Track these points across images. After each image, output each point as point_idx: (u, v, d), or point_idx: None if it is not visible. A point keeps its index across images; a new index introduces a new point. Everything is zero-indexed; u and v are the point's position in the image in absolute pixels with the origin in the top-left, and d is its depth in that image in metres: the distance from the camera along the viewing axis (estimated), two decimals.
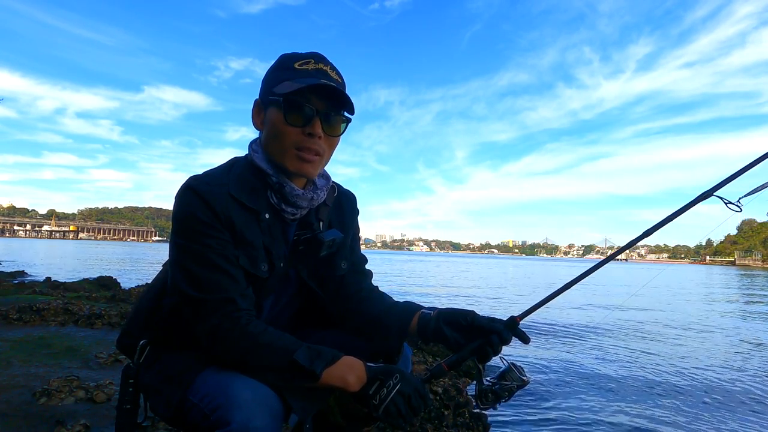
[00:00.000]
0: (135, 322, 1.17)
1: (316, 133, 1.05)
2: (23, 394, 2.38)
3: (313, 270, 1.19)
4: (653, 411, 3.32)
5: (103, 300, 6.29)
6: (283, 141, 1.05)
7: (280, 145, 1.06)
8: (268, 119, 1.07)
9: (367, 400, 0.95)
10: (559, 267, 49.41)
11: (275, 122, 1.05)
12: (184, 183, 1.03)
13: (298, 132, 1.04)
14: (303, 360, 0.94)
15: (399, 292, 12.06)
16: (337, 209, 1.24)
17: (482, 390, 1.07)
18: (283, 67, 1.08)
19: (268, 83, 1.09)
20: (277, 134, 1.05)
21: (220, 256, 1.00)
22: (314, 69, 1.06)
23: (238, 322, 0.98)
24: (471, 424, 2.51)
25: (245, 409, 0.89)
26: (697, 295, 15.05)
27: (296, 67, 1.06)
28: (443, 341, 1.09)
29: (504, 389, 1.06)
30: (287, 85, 1.04)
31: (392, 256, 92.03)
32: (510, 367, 1.09)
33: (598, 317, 8.68)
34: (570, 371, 4.42)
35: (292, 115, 1.04)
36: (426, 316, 1.12)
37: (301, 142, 1.05)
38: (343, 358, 0.99)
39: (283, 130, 1.04)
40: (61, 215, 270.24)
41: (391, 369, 0.99)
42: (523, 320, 1.11)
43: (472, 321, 1.08)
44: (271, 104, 1.06)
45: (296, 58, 1.08)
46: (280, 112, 1.04)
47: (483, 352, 1.06)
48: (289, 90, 1.02)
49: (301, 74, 1.05)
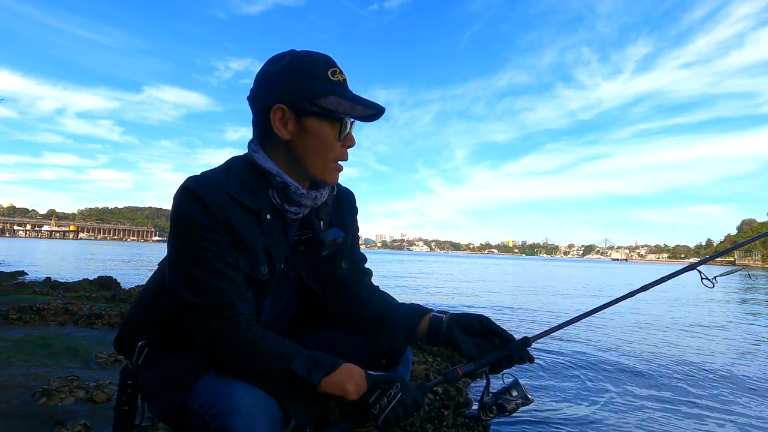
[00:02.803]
0: (133, 322, 1.16)
1: (353, 144, 1.10)
2: (23, 394, 2.38)
3: (313, 270, 1.18)
4: (653, 412, 3.32)
5: (103, 300, 6.30)
6: (329, 155, 1.07)
7: (324, 158, 1.07)
8: (307, 131, 1.04)
9: (367, 409, 0.95)
10: (559, 267, 49.33)
11: (323, 137, 1.05)
12: (181, 184, 1.01)
13: (339, 145, 1.07)
14: (300, 370, 0.94)
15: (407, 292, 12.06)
16: (336, 208, 1.23)
17: (487, 402, 1.07)
18: (317, 76, 1.04)
19: (303, 92, 1.03)
20: (324, 148, 1.06)
21: (218, 259, 0.98)
22: (343, 80, 1.07)
23: (237, 327, 0.97)
24: (471, 424, 2.52)
25: (246, 415, 0.88)
26: (698, 295, 15.04)
27: (331, 78, 1.04)
28: (455, 347, 1.08)
29: (509, 404, 1.06)
30: (341, 104, 1.04)
31: (392, 256, 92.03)
32: (516, 382, 1.09)
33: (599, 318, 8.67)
34: (569, 371, 4.41)
35: (345, 133, 1.07)
36: (437, 320, 1.11)
37: (342, 156, 1.09)
38: (342, 366, 0.98)
39: (332, 146, 1.06)
40: (61, 215, 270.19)
41: (392, 378, 0.98)
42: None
43: (487, 325, 1.08)
44: (313, 115, 1.04)
45: (320, 62, 1.05)
46: (331, 128, 1.05)
47: (498, 364, 1.07)
48: (349, 112, 1.05)
49: (338, 88, 1.05)
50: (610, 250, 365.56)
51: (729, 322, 8.74)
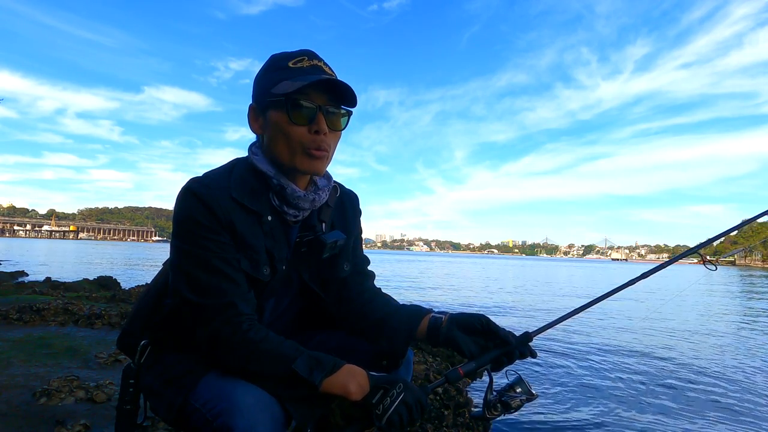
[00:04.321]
0: (136, 322, 1.16)
1: (322, 129, 1.03)
2: (23, 394, 2.38)
3: (315, 272, 1.17)
4: (653, 412, 3.32)
5: (103, 300, 6.29)
6: (291, 141, 1.03)
7: (288, 146, 1.04)
8: (270, 122, 1.05)
9: (371, 409, 0.95)
10: (560, 267, 49.31)
11: (279, 123, 1.03)
12: (184, 185, 1.02)
13: (304, 131, 1.03)
14: (302, 370, 0.94)
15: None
16: (339, 210, 1.22)
17: (491, 400, 1.07)
18: (277, 68, 1.06)
19: (264, 85, 1.06)
20: (283, 135, 1.03)
21: (221, 259, 0.98)
22: (309, 66, 1.05)
23: (239, 327, 0.97)
24: (470, 424, 2.51)
25: (248, 415, 0.88)
26: (700, 295, 15.05)
27: (291, 66, 1.04)
28: (455, 347, 1.07)
29: (513, 401, 1.06)
30: (287, 85, 1.02)
31: (392, 256, 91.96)
32: (519, 378, 1.08)
33: (600, 317, 8.66)
34: (569, 371, 4.41)
35: (296, 113, 1.02)
36: (437, 320, 1.10)
37: (308, 141, 1.03)
38: (345, 367, 0.98)
39: (289, 131, 1.03)
40: (61, 215, 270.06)
41: (394, 378, 0.98)
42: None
43: (486, 325, 1.08)
44: (271, 106, 1.04)
45: (289, 56, 1.06)
46: (283, 112, 1.02)
47: (499, 361, 1.07)
48: (291, 89, 1.00)
49: (298, 72, 1.03)
50: (610, 250, 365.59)
51: (739, 322, 8.74)
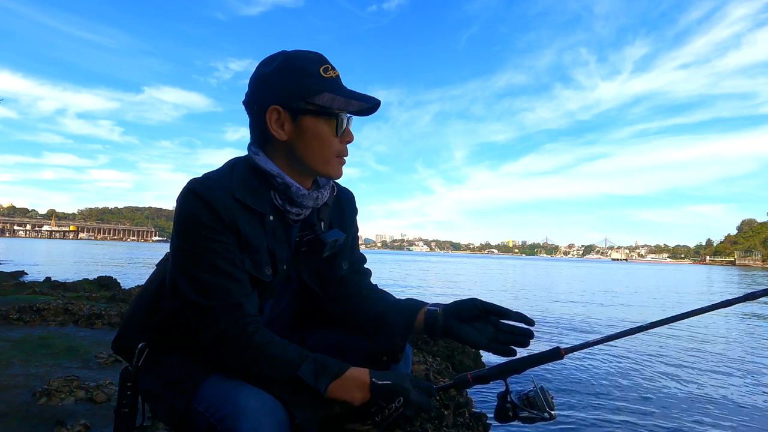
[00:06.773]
0: (132, 324, 1.15)
1: (351, 139, 1.11)
2: (23, 394, 2.38)
3: (314, 271, 1.18)
4: (653, 413, 3.32)
5: (103, 300, 6.29)
6: (329, 150, 1.07)
7: (325, 155, 1.07)
8: (303, 128, 1.05)
9: (371, 416, 0.96)
10: (561, 268, 49.26)
11: (320, 133, 1.06)
12: (185, 186, 1.01)
13: (338, 140, 1.09)
14: (307, 377, 0.94)
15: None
16: (337, 208, 1.23)
17: (505, 407, 1.01)
18: (308, 74, 1.05)
19: (297, 92, 1.04)
20: (322, 143, 1.07)
21: (225, 260, 0.98)
22: (336, 76, 1.08)
23: (244, 329, 0.97)
24: (471, 424, 2.51)
25: (252, 419, 0.88)
26: (700, 295, 15.04)
27: (323, 75, 1.06)
28: (455, 337, 1.08)
29: (526, 416, 0.99)
30: (331, 99, 1.04)
31: (392, 256, 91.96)
32: (538, 392, 1.00)
33: (601, 315, 8.65)
34: (570, 371, 4.41)
35: (342, 129, 1.08)
36: (432, 313, 1.11)
37: (342, 150, 1.10)
38: (350, 371, 0.97)
39: (331, 142, 1.07)
40: (61, 215, 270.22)
41: (395, 388, 0.97)
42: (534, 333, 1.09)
43: (481, 307, 1.08)
44: (309, 113, 1.05)
45: (317, 62, 1.07)
46: (325, 123, 1.06)
47: (514, 368, 1.03)
48: (342, 107, 1.05)
49: (332, 84, 1.06)
50: (610, 250, 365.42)
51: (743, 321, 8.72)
